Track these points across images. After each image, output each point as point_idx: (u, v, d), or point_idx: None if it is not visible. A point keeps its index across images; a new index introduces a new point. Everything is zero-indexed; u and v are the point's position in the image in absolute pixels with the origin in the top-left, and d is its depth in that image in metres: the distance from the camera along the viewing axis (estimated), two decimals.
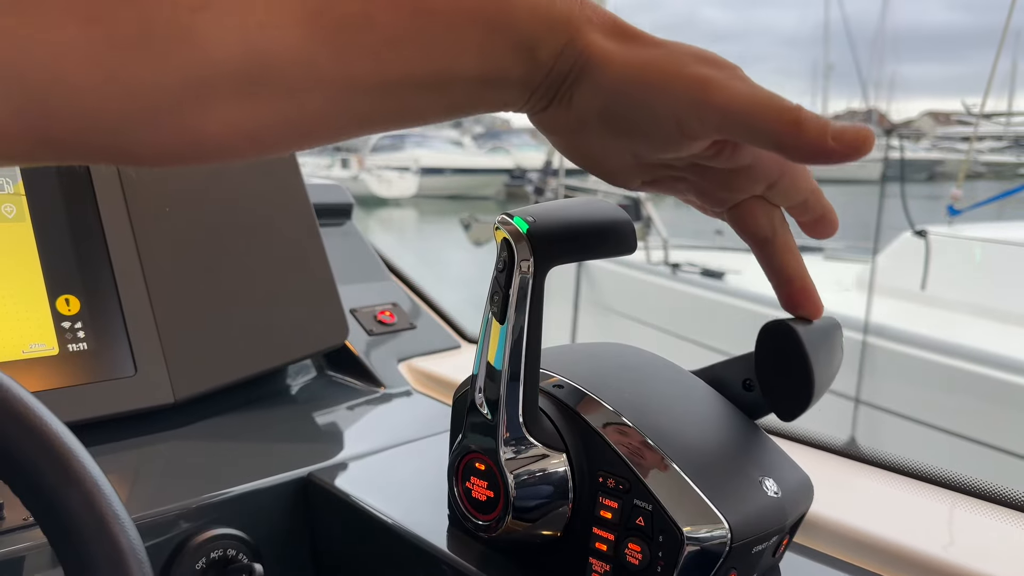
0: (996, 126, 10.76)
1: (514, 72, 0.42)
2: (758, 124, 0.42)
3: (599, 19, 0.43)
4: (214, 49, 0.34)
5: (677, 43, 0.44)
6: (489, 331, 0.56)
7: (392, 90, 0.40)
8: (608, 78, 0.43)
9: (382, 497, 0.73)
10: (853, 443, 0.86)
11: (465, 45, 0.40)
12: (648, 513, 0.54)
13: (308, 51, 0.36)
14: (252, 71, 0.36)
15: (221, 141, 0.37)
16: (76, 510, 0.44)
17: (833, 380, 0.58)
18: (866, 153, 0.42)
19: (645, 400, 0.59)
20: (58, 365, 0.81)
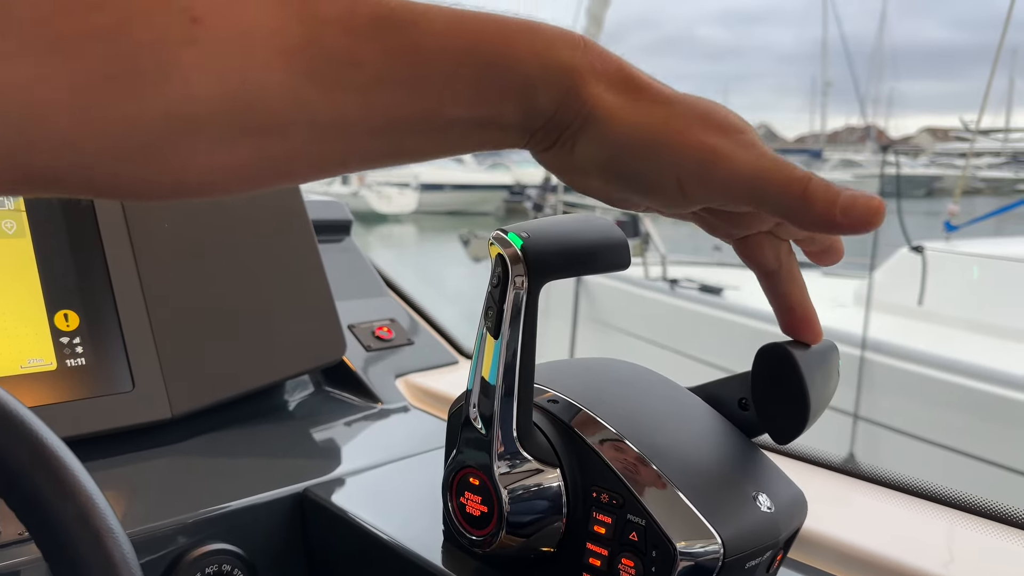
0: (994, 142, 10.80)
1: (511, 117, 0.41)
2: (764, 196, 0.41)
3: (604, 68, 0.42)
4: (199, 86, 0.34)
5: (684, 99, 0.43)
6: (483, 346, 0.57)
7: (382, 129, 0.39)
8: (611, 134, 0.42)
9: (378, 513, 0.73)
10: (852, 459, 0.86)
11: (458, 87, 0.39)
12: (641, 528, 0.54)
13: (294, 88, 0.36)
14: (238, 109, 0.35)
15: (205, 178, 0.37)
16: (70, 524, 0.44)
17: (829, 403, 0.59)
18: (877, 225, 0.41)
19: (639, 415, 0.60)
20: (56, 380, 0.81)
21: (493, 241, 0.55)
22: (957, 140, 20.74)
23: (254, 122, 0.36)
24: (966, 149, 9.69)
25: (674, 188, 0.42)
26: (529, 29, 0.41)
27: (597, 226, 0.59)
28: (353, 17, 0.37)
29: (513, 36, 0.40)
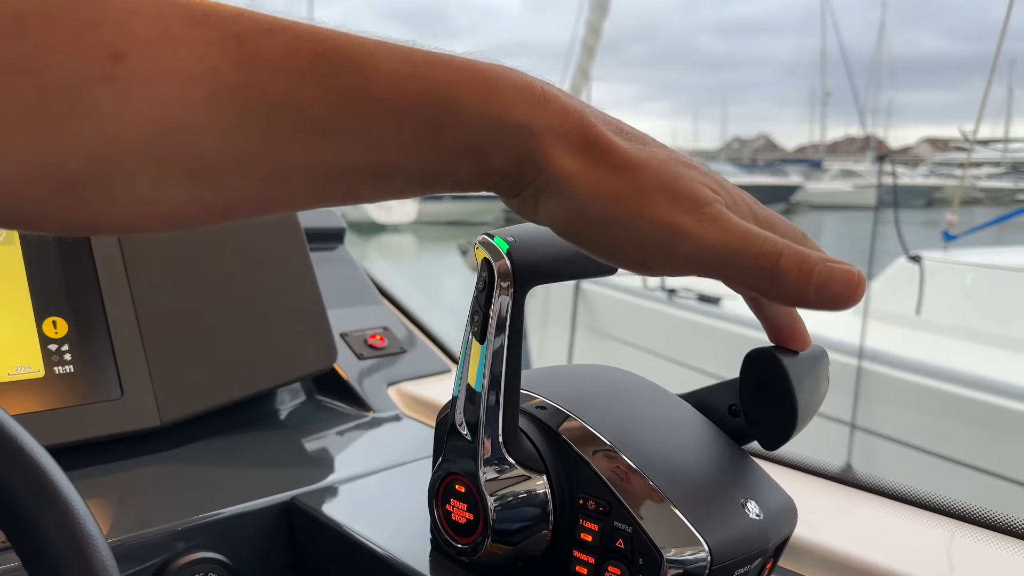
0: (994, 152, 10.81)
1: (464, 173, 0.40)
2: (732, 272, 0.40)
3: (564, 128, 0.39)
4: (119, 125, 0.32)
5: (648, 164, 0.40)
6: (469, 352, 0.56)
7: (328, 176, 0.38)
8: (571, 202, 0.40)
9: (366, 521, 0.73)
10: (849, 469, 0.85)
11: (406, 141, 0.38)
12: (628, 535, 0.53)
13: (227, 133, 0.34)
14: (165, 152, 0.34)
15: (128, 219, 0.35)
16: (49, 531, 0.44)
17: (818, 410, 0.58)
18: (856, 301, 0.40)
19: (627, 422, 0.59)
20: (44, 388, 0.81)
21: (479, 245, 0.55)
22: (956, 150, 20.81)
23: (183, 166, 0.34)
24: (964, 159, 9.72)
25: (636, 262, 0.41)
26: (484, 80, 0.38)
27: None
28: (295, 58, 0.35)
29: (465, 88, 0.38)
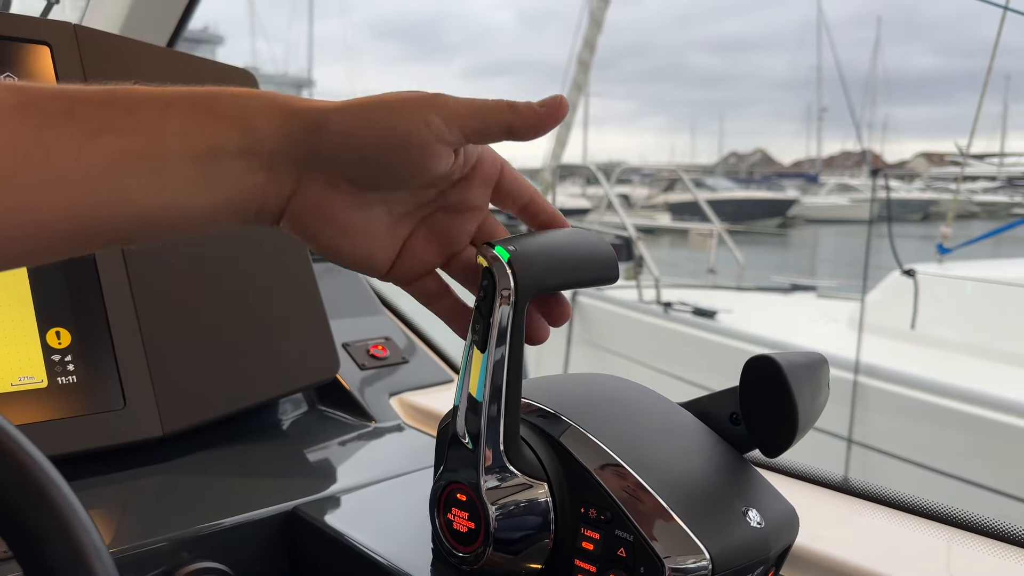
0: (989, 167, 10.85)
1: (230, 143, 0.45)
2: (487, 114, 0.48)
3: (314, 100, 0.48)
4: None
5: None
6: (471, 360, 0.56)
7: (103, 173, 0.42)
8: (349, 120, 0.47)
9: (367, 531, 0.73)
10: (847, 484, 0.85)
11: (172, 122, 0.44)
12: (629, 544, 0.54)
13: (10, 141, 0.40)
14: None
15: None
16: (50, 540, 0.44)
17: (818, 417, 0.59)
18: (565, 111, 0.51)
19: (629, 430, 0.60)
20: (47, 398, 0.81)
21: (480, 254, 0.55)
22: (952, 164, 20.86)
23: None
24: (959, 173, 9.75)
25: (424, 129, 0.47)
26: (228, 88, 0.47)
27: (585, 239, 0.59)
28: (70, 90, 0.43)
29: (217, 90, 0.46)
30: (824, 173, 46.36)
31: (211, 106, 0.45)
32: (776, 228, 23.37)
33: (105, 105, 0.43)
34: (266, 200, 0.48)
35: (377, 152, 0.47)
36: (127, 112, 0.43)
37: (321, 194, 0.48)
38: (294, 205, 0.48)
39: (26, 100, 0.41)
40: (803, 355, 0.57)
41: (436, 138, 0.47)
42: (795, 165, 70.32)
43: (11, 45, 0.85)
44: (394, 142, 0.47)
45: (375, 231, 0.51)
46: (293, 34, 58.07)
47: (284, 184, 0.47)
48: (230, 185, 0.46)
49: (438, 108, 0.47)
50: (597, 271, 0.58)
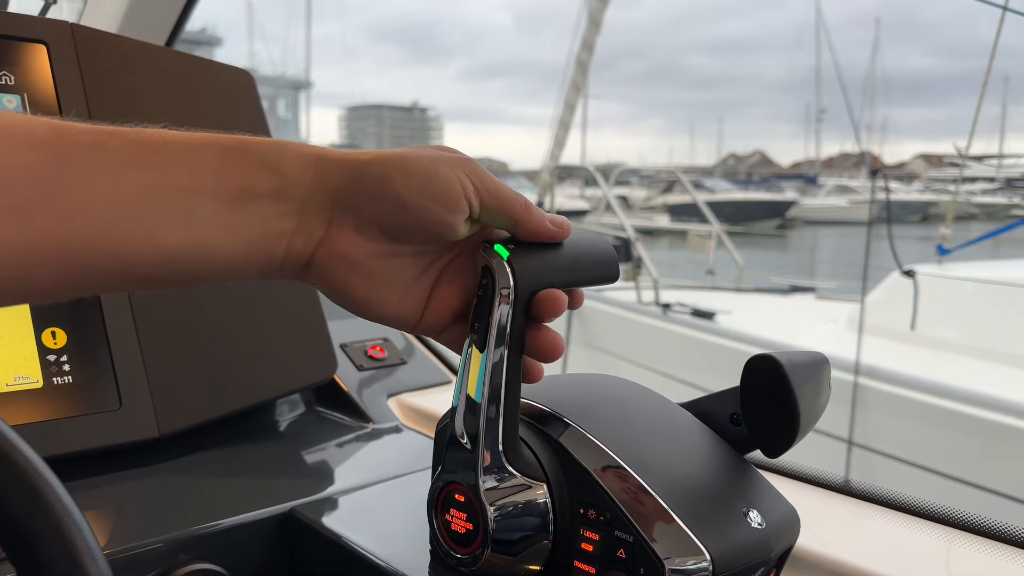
0: (988, 168, 10.86)
1: (261, 185, 0.45)
2: (505, 199, 0.51)
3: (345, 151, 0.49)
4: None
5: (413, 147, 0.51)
6: (469, 360, 0.56)
7: (130, 208, 0.42)
8: (387, 169, 0.48)
9: (365, 533, 0.72)
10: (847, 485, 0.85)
11: (202, 163, 0.44)
12: (629, 545, 0.53)
13: (39, 169, 0.40)
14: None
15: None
16: (43, 539, 0.43)
17: (819, 417, 0.58)
18: (567, 233, 0.54)
19: (628, 431, 0.59)
20: (42, 398, 0.80)
21: (480, 253, 0.55)
22: (951, 166, 20.87)
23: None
24: (958, 175, 9.76)
25: (458, 186, 0.49)
26: (260, 138, 0.47)
27: (585, 239, 0.58)
28: (104, 127, 0.43)
29: (246, 136, 0.47)
30: (823, 175, 46.40)
31: (243, 150, 0.46)
32: (775, 229, 23.38)
33: (137, 142, 0.43)
34: (293, 245, 0.47)
35: (414, 200, 0.48)
36: (159, 150, 0.43)
37: (352, 241, 0.49)
38: (322, 251, 0.49)
39: (59, 133, 0.41)
40: (804, 354, 0.57)
41: (465, 197, 0.49)
42: (794, 166, 70.35)
43: (8, 44, 0.85)
44: (431, 191, 0.48)
45: (403, 281, 0.52)
46: (291, 36, 58.10)
47: (315, 229, 0.48)
48: (258, 227, 0.46)
49: (472, 172, 0.50)
50: (597, 270, 0.58)
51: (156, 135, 0.44)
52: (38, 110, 0.85)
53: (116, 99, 0.90)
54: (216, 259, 0.45)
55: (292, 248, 0.47)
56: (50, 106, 0.86)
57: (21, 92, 0.85)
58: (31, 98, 0.85)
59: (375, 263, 0.50)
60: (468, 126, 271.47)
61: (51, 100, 0.86)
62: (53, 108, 0.86)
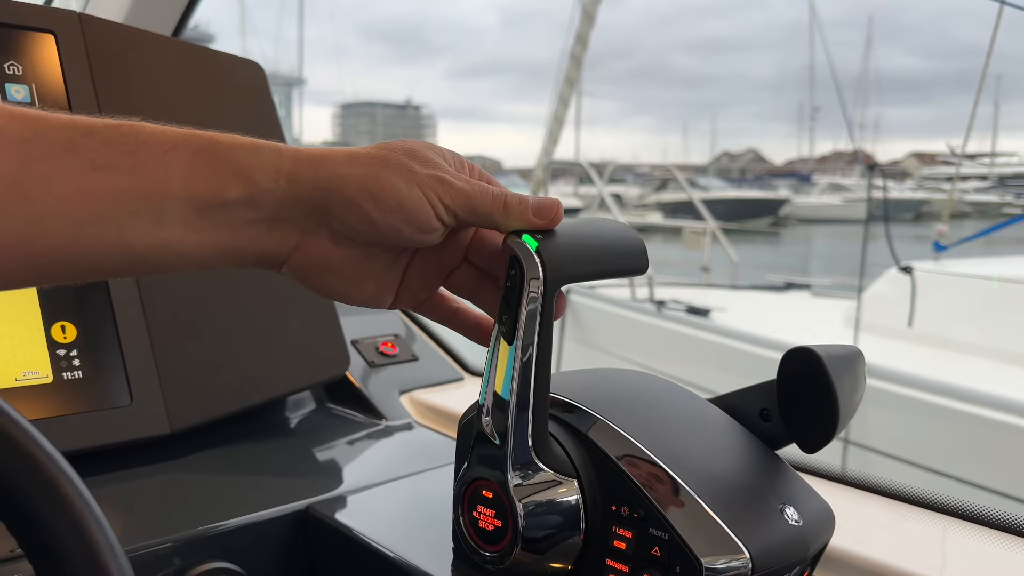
0: (981, 167, 10.90)
1: (230, 192, 0.45)
2: (481, 209, 0.51)
3: (319, 152, 0.49)
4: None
5: (389, 148, 0.50)
6: (497, 352, 0.54)
7: (99, 215, 0.42)
8: (361, 193, 0.48)
9: (383, 530, 0.71)
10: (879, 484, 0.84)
11: (173, 166, 0.44)
12: (664, 543, 0.52)
13: (9, 173, 0.40)
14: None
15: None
16: (63, 535, 0.42)
17: (856, 411, 0.57)
18: (559, 217, 0.53)
19: (659, 426, 0.58)
20: (52, 393, 0.79)
21: (507, 243, 0.53)
22: (944, 164, 20.94)
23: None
24: (952, 173, 9.79)
25: (429, 209, 0.49)
26: (232, 136, 0.47)
27: (613, 228, 0.57)
28: (75, 123, 0.43)
29: (219, 135, 0.47)
30: (817, 173, 46.47)
31: (214, 153, 0.46)
32: (768, 227, 23.39)
33: (108, 141, 0.43)
34: (266, 249, 0.48)
35: (386, 222, 0.48)
36: (130, 151, 0.43)
37: (326, 248, 0.50)
38: (297, 257, 0.50)
39: (31, 132, 0.42)
40: (841, 347, 0.56)
41: (436, 217, 0.49)
42: (788, 165, 70.50)
43: (16, 33, 0.83)
44: (402, 215, 0.48)
45: (377, 274, 0.53)
46: (283, 34, 58.06)
47: (288, 237, 0.49)
48: (228, 232, 0.46)
49: (442, 190, 0.49)
50: (626, 261, 0.56)
51: (130, 134, 0.44)
52: (46, 100, 0.84)
53: (124, 89, 0.89)
54: (185, 258, 0.46)
55: (265, 251, 0.49)
56: (58, 96, 0.84)
57: (29, 82, 0.83)
58: (39, 88, 0.84)
59: (350, 265, 0.51)
60: (460, 124, 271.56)
61: (59, 90, 0.85)
62: (61, 98, 0.85)
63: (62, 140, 0.42)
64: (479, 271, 0.57)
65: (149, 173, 0.44)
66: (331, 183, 0.47)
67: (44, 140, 0.42)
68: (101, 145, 0.43)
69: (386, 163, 0.49)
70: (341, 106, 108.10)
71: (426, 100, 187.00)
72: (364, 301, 0.54)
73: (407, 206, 0.48)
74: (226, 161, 0.46)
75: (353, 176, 0.48)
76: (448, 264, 0.56)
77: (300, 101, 57.19)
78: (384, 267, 0.53)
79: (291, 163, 0.47)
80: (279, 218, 0.48)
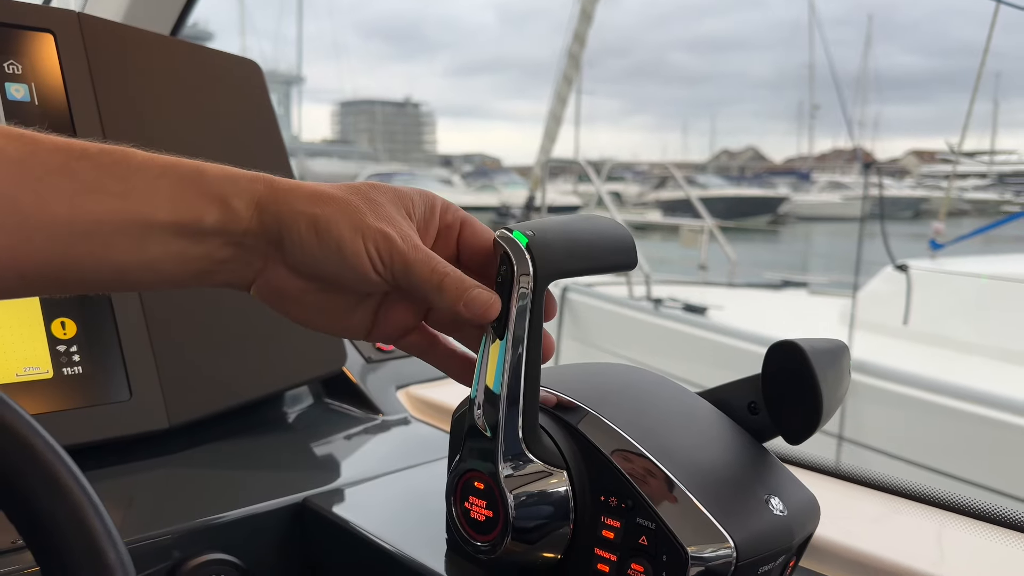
0: (980, 165, 10.90)
1: (208, 218, 0.48)
2: (415, 278, 0.51)
3: (291, 184, 0.51)
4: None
5: (354, 192, 0.52)
6: (488, 347, 0.55)
7: (87, 232, 0.45)
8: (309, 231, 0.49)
9: (379, 522, 0.72)
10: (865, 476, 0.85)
11: (159, 193, 0.47)
12: (651, 532, 0.53)
13: (6, 191, 0.42)
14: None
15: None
16: (62, 524, 0.43)
17: (840, 404, 0.58)
18: (492, 316, 0.52)
19: (648, 418, 0.59)
20: (52, 389, 0.80)
21: (497, 239, 0.54)
22: (943, 162, 20.92)
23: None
24: (950, 171, 9.78)
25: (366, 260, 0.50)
26: (217, 166, 0.49)
27: (603, 224, 0.58)
28: (71, 147, 0.45)
29: (204, 164, 0.49)
30: (816, 171, 46.46)
31: (198, 181, 0.48)
32: (767, 225, 23.39)
33: (102, 167, 0.46)
34: (233, 275, 0.51)
35: (327, 262, 0.50)
36: (122, 177, 0.46)
37: (285, 278, 0.52)
38: (260, 282, 0.52)
39: (28, 152, 0.44)
40: (826, 341, 0.57)
41: (373, 269, 0.51)
42: (787, 163, 70.49)
43: (15, 32, 0.84)
44: (339, 259, 0.50)
45: (343, 308, 0.55)
46: (282, 33, 57.98)
47: (252, 263, 0.51)
48: (204, 255, 0.49)
49: (384, 247, 0.50)
50: (616, 256, 0.57)
51: (122, 159, 0.47)
52: (46, 99, 0.85)
53: (123, 88, 0.90)
54: (165, 277, 0.49)
55: (233, 274, 0.52)
56: (58, 95, 0.86)
57: (29, 81, 0.84)
58: (38, 87, 0.85)
59: (310, 297, 0.53)
60: (459, 122, 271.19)
61: (59, 89, 0.86)
62: (61, 97, 0.86)
63: (57, 163, 0.45)
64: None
65: (138, 198, 0.46)
66: (287, 217, 0.50)
67: (40, 161, 0.44)
68: (94, 169, 0.46)
69: (343, 207, 0.50)
70: (340, 104, 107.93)
71: (425, 98, 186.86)
72: (334, 331, 0.56)
73: (346, 252, 0.50)
74: (209, 187, 0.48)
75: (306, 214, 0.50)
76: (423, 306, 0.57)
77: (299, 99, 57.07)
78: (348, 306, 0.55)
79: (265, 192, 0.50)
80: (244, 245, 0.50)
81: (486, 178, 30.46)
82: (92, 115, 0.86)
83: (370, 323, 0.56)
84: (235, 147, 0.98)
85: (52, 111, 0.85)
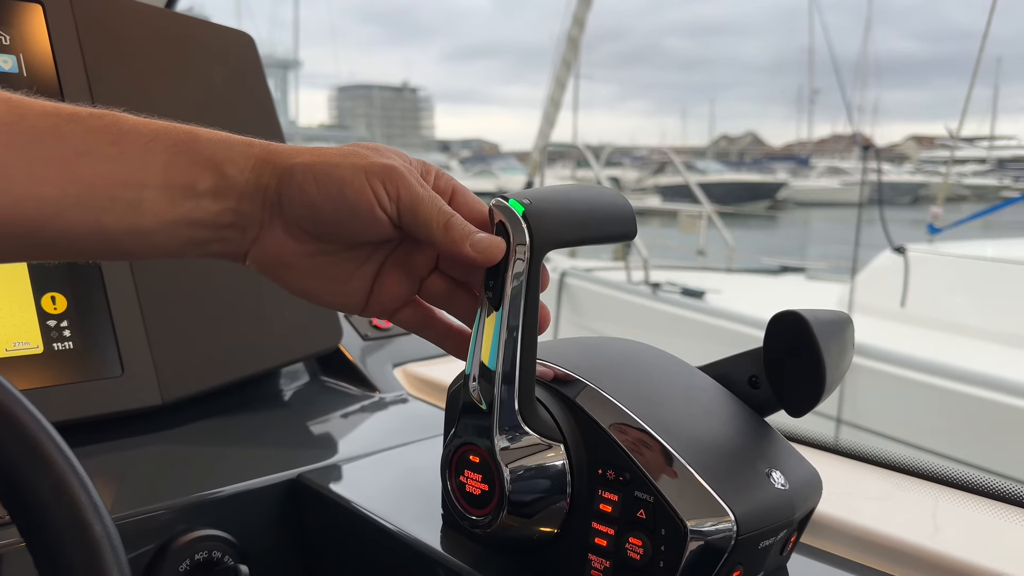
0: (979, 150, 10.90)
1: (202, 183, 0.47)
2: (422, 214, 0.50)
3: (288, 146, 0.50)
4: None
5: (353, 144, 0.51)
6: (483, 319, 0.54)
7: (79, 198, 0.44)
8: (308, 175, 0.48)
9: (374, 498, 0.71)
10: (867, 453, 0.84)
11: (151, 158, 0.46)
12: (650, 506, 0.52)
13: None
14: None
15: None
16: (46, 497, 0.42)
17: (843, 377, 0.57)
18: (497, 257, 0.51)
19: (647, 392, 0.58)
20: (42, 364, 0.79)
21: (493, 208, 0.53)
22: (942, 148, 20.91)
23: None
24: (949, 156, 9.76)
25: (370, 196, 0.49)
26: (211, 131, 0.49)
27: (601, 193, 0.57)
28: (59, 109, 0.44)
29: (198, 129, 0.48)
30: (815, 156, 46.42)
31: (191, 145, 0.47)
32: (766, 211, 23.37)
33: (92, 130, 0.45)
34: (229, 240, 0.50)
35: (328, 208, 0.49)
36: (113, 140, 0.45)
37: (281, 242, 0.50)
38: (256, 249, 0.51)
39: (16, 116, 0.43)
40: (830, 312, 0.56)
41: (379, 206, 0.49)
42: (786, 148, 70.35)
43: (3, 3, 0.83)
44: (342, 203, 0.49)
45: (340, 275, 0.53)
46: (278, 16, 57.79)
47: (248, 228, 0.50)
48: (197, 222, 0.48)
49: (391, 182, 0.49)
50: (614, 226, 0.56)
51: (112, 123, 0.46)
52: (35, 70, 0.83)
53: (113, 59, 0.88)
54: (157, 246, 0.48)
55: (228, 244, 0.50)
56: (47, 66, 0.84)
57: (17, 52, 0.83)
58: (27, 58, 0.83)
59: (306, 262, 0.52)
60: (456, 107, 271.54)
61: (48, 61, 0.84)
62: (50, 68, 0.84)
63: (47, 126, 0.44)
64: (452, 280, 0.57)
65: (130, 162, 0.45)
66: (284, 169, 0.49)
67: (29, 125, 0.43)
68: (85, 133, 0.45)
69: (343, 154, 0.50)
70: (337, 88, 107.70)
71: (422, 82, 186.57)
72: (330, 302, 0.55)
73: (347, 191, 0.48)
74: (202, 152, 0.48)
75: (304, 163, 0.49)
76: (418, 273, 0.56)
77: (296, 83, 56.89)
78: (347, 271, 0.53)
79: (260, 154, 0.49)
80: (240, 211, 0.49)
81: (484, 163, 30.44)
82: (82, 86, 0.85)
83: (367, 292, 0.55)
84: (228, 118, 0.96)
85: (41, 82, 0.83)
